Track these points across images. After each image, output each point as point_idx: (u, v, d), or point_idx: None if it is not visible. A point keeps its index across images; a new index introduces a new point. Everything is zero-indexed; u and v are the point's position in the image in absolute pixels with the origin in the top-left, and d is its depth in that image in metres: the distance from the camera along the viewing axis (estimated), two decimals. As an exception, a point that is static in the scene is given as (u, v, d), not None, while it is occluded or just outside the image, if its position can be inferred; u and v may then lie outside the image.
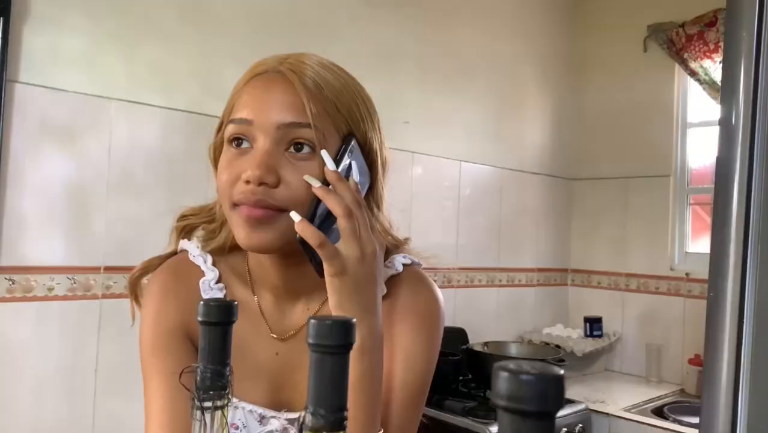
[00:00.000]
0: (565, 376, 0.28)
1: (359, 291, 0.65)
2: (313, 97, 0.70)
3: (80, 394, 1.59)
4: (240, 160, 0.70)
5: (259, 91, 0.72)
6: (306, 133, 0.69)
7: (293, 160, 0.69)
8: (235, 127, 0.71)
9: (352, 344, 0.39)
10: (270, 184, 0.67)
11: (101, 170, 1.63)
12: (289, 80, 0.71)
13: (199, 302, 0.50)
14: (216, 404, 0.49)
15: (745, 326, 0.62)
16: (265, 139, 0.69)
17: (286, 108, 0.69)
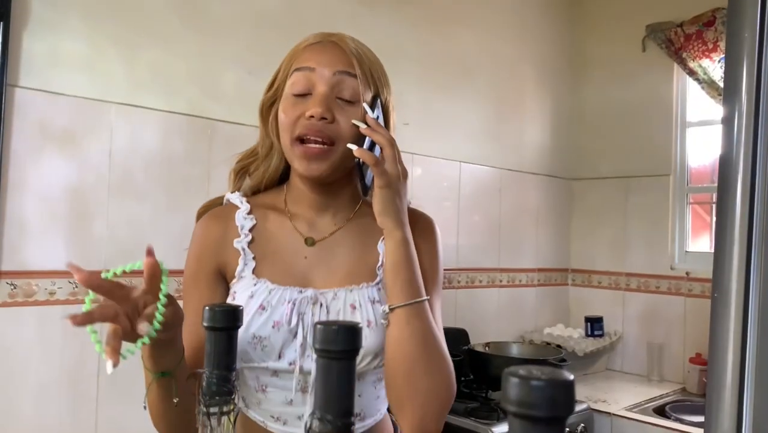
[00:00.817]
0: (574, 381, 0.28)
1: (398, 200, 0.88)
2: (356, 58, 0.92)
3: (83, 399, 1.59)
4: (301, 103, 0.90)
5: (319, 50, 0.92)
6: (353, 82, 0.90)
7: (342, 106, 0.90)
8: (300, 73, 0.91)
9: (358, 350, 0.39)
10: (328, 119, 0.87)
11: (102, 174, 1.63)
12: (340, 46, 0.93)
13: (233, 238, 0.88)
14: (222, 409, 0.49)
15: (750, 326, 0.62)
16: (323, 85, 0.89)
17: (339, 61, 0.91)
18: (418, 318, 0.87)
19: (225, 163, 1.85)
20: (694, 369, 2.53)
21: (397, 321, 0.86)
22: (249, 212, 0.97)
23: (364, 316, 0.90)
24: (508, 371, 0.28)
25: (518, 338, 2.76)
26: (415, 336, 0.86)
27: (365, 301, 0.92)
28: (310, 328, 0.88)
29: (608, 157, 2.99)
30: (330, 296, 0.92)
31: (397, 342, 0.86)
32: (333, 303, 0.91)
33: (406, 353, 0.86)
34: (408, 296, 0.87)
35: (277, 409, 0.92)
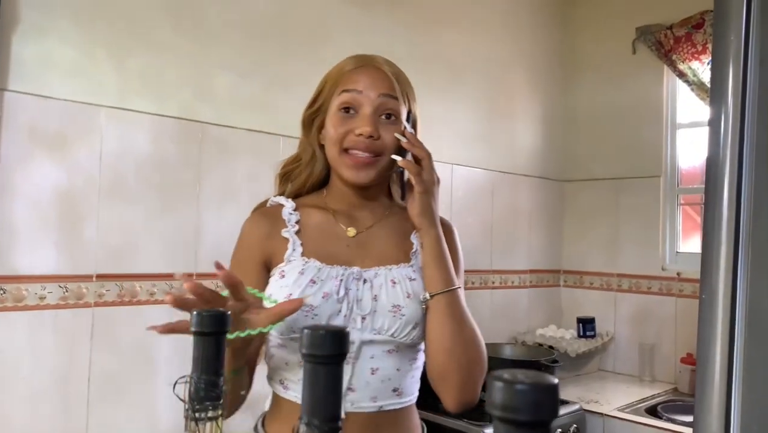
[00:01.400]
0: (559, 384, 0.28)
1: (433, 204, 1.05)
2: (398, 82, 1.08)
3: (74, 403, 1.58)
4: (348, 120, 1.06)
5: (365, 73, 1.08)
6: (393, 103, 1.07)
7: (385, 123, 1.06)
8: (348, 94, 1.06)
9: (345, 354, 0.39)
10: (375, 137, 1.03)
11: (92, 178, 1.62)
12: (382, 70, 1.09)
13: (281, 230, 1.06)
14: (209, 415, 0.48)
15: (737, 327, 0.62)
16: (369, 106, 1.05)
17: (383, 85, 1.07)
18: (454, 303, 1.03)
19: (216, 166, 1.86)
20: (685, 369, 2.54)
21: (438, 306, 1.02)
22: (294, 209, 1.11)
23: (403, 289, 1.03)
24: (492, 375, 0.28)
25: (511, 339, 2.76)
26: (454, 317, 1.02)
27: (403, 278, 1.05)
28: (355, 301, 1.01)
29: (599, 159, 3.01)
30: (372, 274, 1.05)
31: (439, 323, 1.02)
32: (375, 279, 1.04)
33: (447, 332, 1.01)
34: (445, 285, 1.02)
35: None
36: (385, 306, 1.01)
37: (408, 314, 1.02)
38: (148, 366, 1.70)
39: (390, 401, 1.04)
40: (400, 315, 1.01)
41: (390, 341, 1.02)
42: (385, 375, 1.03)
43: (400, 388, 1.05)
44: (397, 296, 1.02)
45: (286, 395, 1.05)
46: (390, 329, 1.01)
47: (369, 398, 1.02)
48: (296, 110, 2.03)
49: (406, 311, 1.02)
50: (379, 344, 1.02)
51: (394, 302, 1.02)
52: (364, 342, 1.01)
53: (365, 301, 1.02)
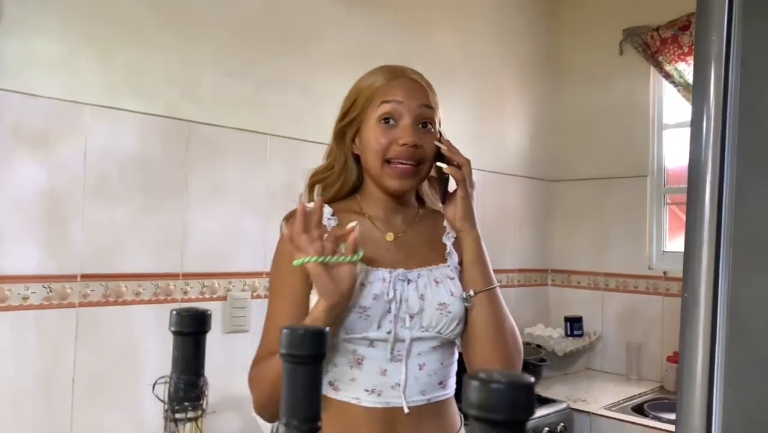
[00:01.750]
0: (535, 384, 0.28)
1: (473, 208, 1.15)
2: (432, 94, 1.16)
3: (58, 404, 1.57)
4: (389, 131, 1.10)
5: (403, 85, 1.13)
6: (431, 113, 1.14)
7: (423, 132, 1.12)
8: (389, 105, 1.10)
9: (324, 355, 0.39)
10: (418, 146, 1.09)
11: (77, 176, 1.61)
12: (419, 82, 1.16)
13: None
14: (189, 415, 0.48)
15: (719, 326, 0.62)
16: (408, 115, 1.10)
17: (421, 96, 1.13)
18: (496, 299, 1.12)
19: (203, 165, 1.85)
20: (671, 368, 2.56)
21: (481, 303, 1.10)
22: (332, 214, 1.16)
23: (447, 287, 1.11)
24: (468, 374, 0.28)
25: (499, 338, 2.77)
26: (497, 312, 1.11)
27: (444, 277, 1.12)
28: (403, 301, 1.07)
29: (587, 159, 3.02)
30: (416, 275, 1.11)
31: (484, 317, 1.10)
32: (419, 280, 1.10)
33: (491, 325, 1.10)
34: (487, 283, 1.12)
35: (372, 381, 1.07)
36: (432, 304, 1.08)
37: (454, 311, 1.09)
38: (133, 367, 1.68)
39: (436, 393, 1.10)
40: (447, 312, 1.09)
41: (436, 337, 1.10)
42: (432, 370, 1.10)
43: (444, 381, 1.12)
44: (442, 294, 1.09)
45: (337, 396, 1.09)
46: (437, 325, 1.08)
47: (419, 392, 1.08)
48: (285, 109, 2.03)
49: (452, 308, 1.09)
50: (426, 340, 1.09)
51: (440, 300, 1.09)
52: (414, 339, 1.08)
53: (412, 300, 1.08)
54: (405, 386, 1.07)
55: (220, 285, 1.87)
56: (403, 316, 1.07)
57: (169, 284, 1.77)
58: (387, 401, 1.07)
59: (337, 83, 2.24)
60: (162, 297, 1.76)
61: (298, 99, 2.06)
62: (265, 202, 1.97)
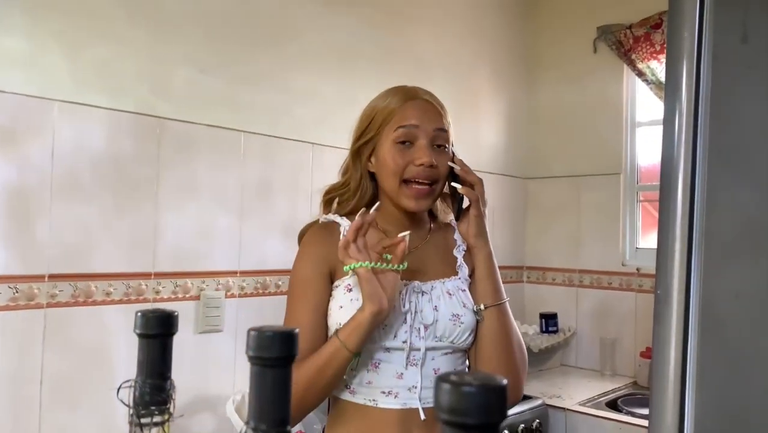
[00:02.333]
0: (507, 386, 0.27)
1: (485, 226, 1.21)
2: (446, 116, 1.22)
3: (25, 406, 1.53)
4: (407, 152, 1.15)
5: (418, 108, 1.19)
6: (445, 135, 1.19)
7: (438, 152, 1.17)
8: (405, 130, 1.16)
9: (294, 357, 0.38)
10: (434, 166, 1.14)
11: (44, 174, 1.56)
12: (433, 104, 1.21)
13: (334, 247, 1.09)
14: (155, 420, 0.46)
15: (691, 323, 0.62)
16: (425, 138, 1.16)
17: (437, 119, 1.19)
18: (505, 314, 1.17)
19: (176, 163, 1.82)
20: (644, 363, 2.59)
21: (491, 316, 1.15)
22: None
23: (459, 299, 1.16)
24: (439, 376, 0.27)
25: (475, 335, 2.78)
26: (506, 326, 1.16)
27: (456, 289, 1.17)
28: (418, 313, 1.12)
29: (561, 157, 3.05)
30: (429, 287, 1.16)
31: (493, 331, 1.15)
32: (433, 292, 1.15)
33: (499, 338, 1.15)
34: (497, 298, 1.16)
35: (388, 383, 1.12)
36: (445, 315, 1.13)
37: (466, 322, 1.14)
38: (104, 369, 1.65)
39: None
40: (460, 323, 1.14)
41: (447, 346, 1.14)
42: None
43: None
44: (455, 305, 1.15)
45: (354, 399, 1.14)
46: (451, 335, 1.13)
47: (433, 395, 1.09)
48: (260, 106, 2.01)
49: (464, 319, 1.14)
50: (440, 348, 1.14)
51: (453, 311, 1.14)
52: (428, 348, 1.13)
53: (426, 311, 1.13)
54: (420, 390, 1.11)
55: (194, 284, 1.84)
56: (418, 326, 1.12)
57: (141, 283, 1.73)
58: (404, 403, 1.11)
59: (314, 80, 2.24)
60: (133, 297, 1.72)
61: (273, 96, 2.04)
62: (240, 200, 1.94)
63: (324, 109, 2.15)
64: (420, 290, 1.15)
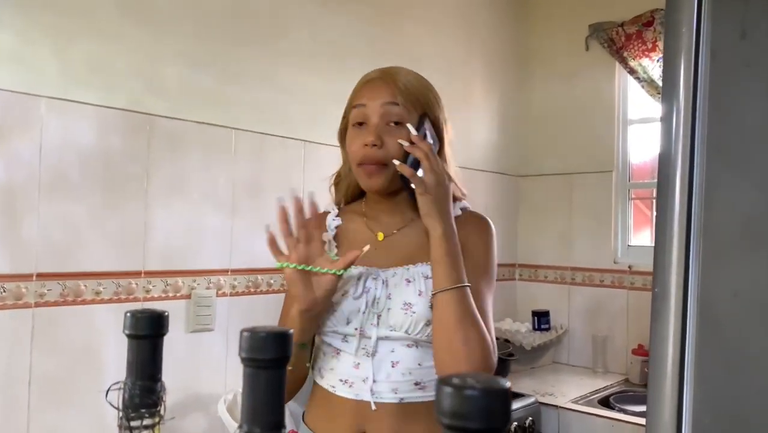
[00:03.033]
0: (510, 388, 0.26)
1: (438, 204, 1.07)
2: (399, 89, 1.12)
3: (13, 408, 1.50)
4: (360, 133, 1.12)
5: (369, 87, 1.15)
6: (397, 110, 1.11)
7: (391, 130, 1.11)
8: (355, 111, 1.14)
9: (288, 358, 0.36)
10: (378, 145, 1.09)
11: (32, 172, 1.54)
12: (385, 80, 1.14)
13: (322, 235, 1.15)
14: (145, 423, 0.45)
15: (689, 320, 0.62)
16: (374, 116, 1.11)
17: (386, 94, 1.12)
18: (456, 301, 1.04)
19: (166, 160, 1.80)
20: (636, 360, 2.60)
21: (439, 304, 1.04)
22: (337, 215, 1.24)
23: (416, 287, 1.09)
24: (440, 379, 0.26)
25: (467, 333, 2.77)
26: (454, 315, 1.03)
27: (419, 276, 1.10)
28: (373, 300, 1.09)
29: (553, 154, 3.05)
30: (390, 273, 1.12)
31: (439, 320, 1.04)
32: (392, 279, 1.11)
33: (446, 329, 1.03)
34: (447, 284, 1.04)
35: (346, 372, 1.10)
36: (397, 304, 1.08)
37: (419, 312, 1.07)
38: (93, 369, 1.63)
39: (411, 394, 1.08)
40: (411, 312, 1.07)
41: (406, 337, 1.08)
42: (406, 369, 1.08)
43: (422, 382, 1.09)
44: (409, 293, 1.08)
45: (321, 383, 1.15)
46: (403, 325, 1.07)
47: (390, 390, 1.08)
48: (250, 103, 1.99)
49: (417, 308, 1.07)
50: (397, 339, 1.09)
51: (405, 299, 1.07)
52: (380, 338, 1.09)
53: (381, 299, 1.09)
54: (374, 382, 1.07)
55: (184, 283, 1.83)
56: (372, 314, 1.08)
57: (131, 282, 1.72)
58: (356, 394, 1.09)
59: (305, 78, 2.23)
60: (123, 296, 1.70)
61: (264, 93, 2.02)
62: (231, 197, 1.93)
63: (316, 107, 2.14)
64: (378, 275, 1.12)
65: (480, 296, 1.10)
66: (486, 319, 1.09)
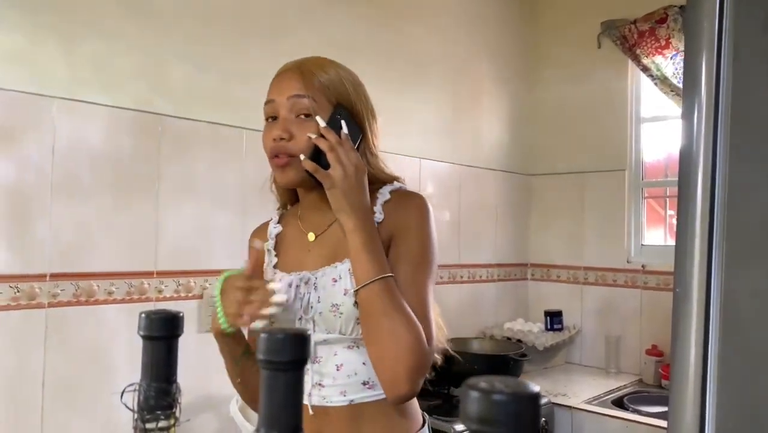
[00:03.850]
0: (540, 393, 0.25)
1: (347, 197, 1.01)
2: (308, 80, 1.08)
3: (27, 408, 1.51)
4: (271, 127, 1.08)
5: (276, 81, 1.12)
6: (304, 102, 1.06)
7: (301, 123, 1.06)
8: (266, 107, 1.10)
9: (306, 360, 0.36)
10: (286, 138, 1.05)
11: (44, 173, 1.55)
12: (292, 73, 1.09)
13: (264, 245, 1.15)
14: (161, 425, 0.45)
15: (712, 321, 0.61)
16: (283, 110, 1.07)
17: (292, 87, 1.08)
18: (377, 296, 0.99)
19: (176, 160, 1.80)
20: (650, 361, 2.58)
21: (362, 299, 1.00)
22: (278, 222, 1.22)
23: (342, 286, 1.04)
24: (467, 383, 0.25)
25: (479, 333, 2.76)
26: (376, 311, 0.99)
27: (345, 273, 1.04)
28: (307, 305, 1.06)
29: (565, 153, 3.02)
30: (319, 275, 1.07)
31: (362, 318, 1.01)
32: (320, 280, 1.06)
33: (370, 326, 1.00)
34: (366, 278, 0.99)
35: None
36: (326, 306, 1.04)
37: (345, 312, 1.03)
38: (106, 369, 1.63)
39: (360, 394, 1.06)
40: (339, 313, 1.03)
41: (345, 338, 1.05)
42: (351, 370, 1.06)
43: (370, 381, 1.06)
44: (335, 294, 1.04)
45: None
46: (335, 327, 1.04)
47: (339, 393, 1.05)
48: (259, 103, 1.98)
49: (343, 308, 1.03)
50: (337, 342, 1.06)
51: (332, 300, 1.04)
52: (318, 342, 1.06)
53: (313, 303, 1.06)
54: (321, 387, 1.06)
55: (196, 283, 1.83)
56: (308, 319, 1.06)
57: (143, 282, 1.72)
58: (307, 400, 1.07)
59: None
60: (136, 296, 1.71)
61: (274, 92, 2.01)
62: (241, 197, 1.93)
63: (326, 106, 2.13)
64: (308, 279, 1.08)
65: (412, 283, 1.04)
66: (422, 306, 1.03)
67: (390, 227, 1.07)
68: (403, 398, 1.02)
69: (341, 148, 1.03)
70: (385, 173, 1.15)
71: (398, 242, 1.07)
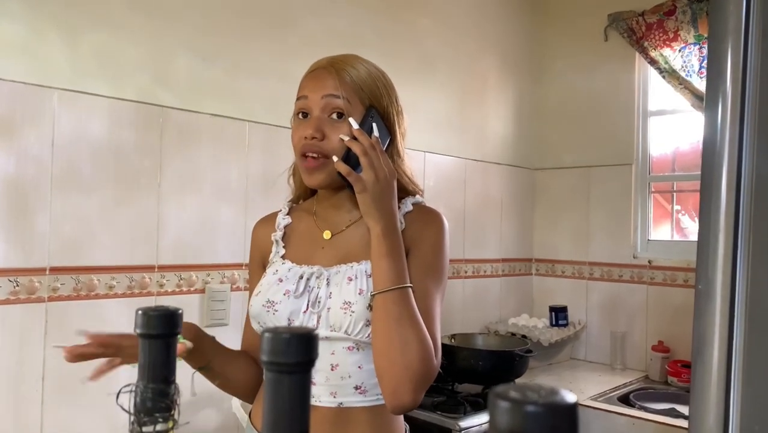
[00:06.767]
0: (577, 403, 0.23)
1: (377, 201, 1.01)
2: (343, 80, 1.07)
3: (26, 403, 1.49)
4: (303, 125, 1.07)
5: (311, 78, 1.10)
6: (338, 102, 1.05)
7: (333, 123, 1.06)
8: (299, 102, 1.09)
9: (313, 361, 0.33)
10: (318, 138, 1.05)
11: (44, 165, 1.52)
12: (328, 71, 1.08)
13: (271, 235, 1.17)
14: (158, 428, 0.42)
15: (737, 319, 0.58)
16: (316, 108, 1.06)
17: (327, 86, 1.06)
18: (394, 303, 0.99)
19: (178, 153, 1.77)
20: (656, 357, 2.55)
21: (377, 305, 1.00)
22: (287, 214, 1.21)
23: (357, 285, 1.03)
24: (495, 392, 0.22)
25: (483, 328, 2.74)
26: (391, 318, 0.98)
27: (362, 274, 1.04)
28: (315, 299, 1.05)
29: (571, 147, 2.99)
30: (333, 271, 1.07)
31: (377, 322, 1.00)
32: (334, 277, 1.06)
33: (382, 332, 0.98)
34: (385, 285, 0.99)
35: None
36: (337, 303, 1.03)
37: (358, 311, 1.02)
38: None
39: (351, 398, 1.04)
40: (351, 312, 1.02)
41: (347, 339, 1.03)
42: (345, 372, 1.04)
43: (362, 386, 1.05)
44: (350, 292, 1.03)
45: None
46: (343, 325, 1.02)
47: (329, 393, 1.04)
48: (263, 95, 1.96)
49: (356, 307, 1.02)
50: (337, 340, 1.04)
51: (345, 298, 1.02)
52: (320, 339, 1.02)
53: (323, 298, 1.05)
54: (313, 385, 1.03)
55: (198, 277, 1.80)
56: (312, 313, 1.05)
57: (144, 276, 1.70)
58: None
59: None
60: (137, 291, 1.69)
61: (276, 85, 1.98)
62: (244, 190, 1.90)
63: (330, 99, 2.10)
64: (321, 274, 1.07)
65: (426, 296, 1.05)
66: (431, 320, 1.04)
67: (408, 238, 1.08)
68: (404, 408, 1.00)
69: (374, 152, 1.03)
70: (410, 181, 1.16)
71: (415, 254, 1.07)
